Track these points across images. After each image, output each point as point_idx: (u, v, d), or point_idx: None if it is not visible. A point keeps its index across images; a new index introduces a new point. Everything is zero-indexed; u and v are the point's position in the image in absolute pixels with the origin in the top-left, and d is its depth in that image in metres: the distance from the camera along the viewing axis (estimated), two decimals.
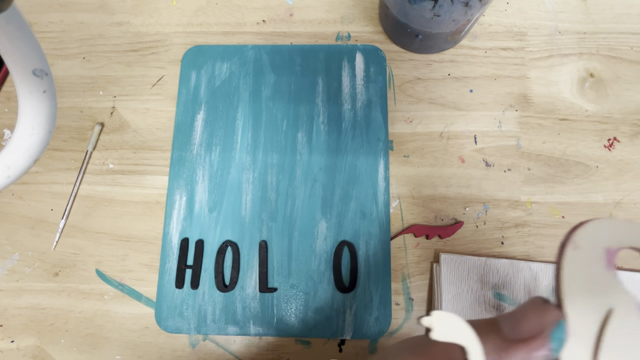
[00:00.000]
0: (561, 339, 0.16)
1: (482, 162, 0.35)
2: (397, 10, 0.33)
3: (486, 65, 0.37)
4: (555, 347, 0.15)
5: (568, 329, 0.16)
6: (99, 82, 0.38)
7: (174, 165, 0.36)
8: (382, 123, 0.36)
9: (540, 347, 0.16)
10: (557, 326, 0.16)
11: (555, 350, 0.16)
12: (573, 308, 0.16)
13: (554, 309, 0.16)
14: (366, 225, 0.34)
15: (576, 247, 0.16)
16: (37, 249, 0.35)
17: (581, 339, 0.16)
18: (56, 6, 0.40)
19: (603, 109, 0.36)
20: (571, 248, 0.16)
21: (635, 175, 0.35)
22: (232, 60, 0.38)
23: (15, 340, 0.33)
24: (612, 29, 0.38)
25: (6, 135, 0.37)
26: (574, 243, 0.16)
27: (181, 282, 0.33)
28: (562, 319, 0.16)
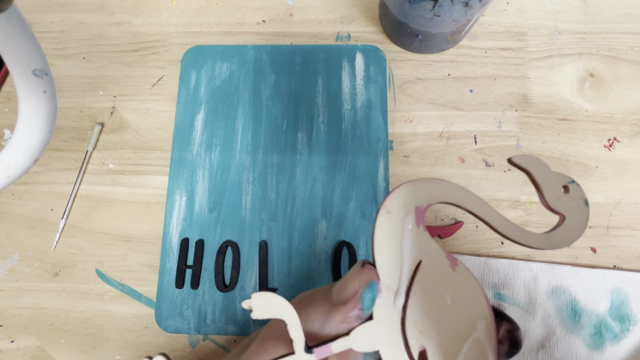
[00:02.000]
0: (372, 298, 0.17)
1: (482, 162, 0.35)
2: (397, 10, 0.33)
3: (486, 65, 0.37)
4: (367, 305, 0.17)
5: (380, 287, 0.17)
6: (99, 82, 0.38)
7: (174, 165, 0.36)
8: (382, 123, 0.36)
9: (353, 308, 0.17)
10: (368, 286, 0.17)
11: (366, 308, 0.17)
12: (385, 266, 0.17)
13: (369, 270, 0.17)
14: (366, 225, 0.34)
15: (388, 211, 0.18)
16: (37, 249, 0.35)
17: (392, 294, 0.17)
18: (56, 6, 0.40)
19: (603, 109, 0.36)
20: (383, 213, 0.17)
21: (635, 175, 0.35)
22: (232, 60, 0.38)
23: (15, 340, 0.33)
24: (612, 29, 0.38)
25: (6, 135, 0.37)
26: (386, 208, 0.18)
27: (181, 282, 0.33)
28: (374, 280, 0.17)
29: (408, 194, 0.18)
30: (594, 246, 0.33)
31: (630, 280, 0.32)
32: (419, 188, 0.18)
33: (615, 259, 0.33)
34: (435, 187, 0.18)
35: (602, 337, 0.31)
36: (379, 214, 0.17)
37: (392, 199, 0.18)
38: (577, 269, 0.32)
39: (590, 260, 0.33)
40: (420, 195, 0.18)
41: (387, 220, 0.18)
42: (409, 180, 0.18)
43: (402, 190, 0.18)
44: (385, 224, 0.17)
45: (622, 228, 0.34)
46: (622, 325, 0.31)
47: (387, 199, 0.18)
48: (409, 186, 0.18)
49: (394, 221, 0.18)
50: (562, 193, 0.18)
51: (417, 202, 0.18)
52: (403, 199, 0.18)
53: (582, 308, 0.31)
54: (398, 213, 0.18)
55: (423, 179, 0.19)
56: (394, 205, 0.18)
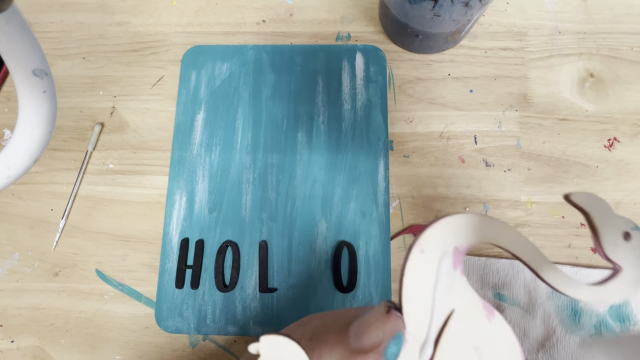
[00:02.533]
0: (397, 352, 0.15)
1: (482, 162, 0.35)
2: (397, 10, 0.33)
3: (486, 65, 0.37)
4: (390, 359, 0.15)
5: (405, 339, 0.15)
6: (99, 82, 0.38)
7: (174, 165, 0.36)
8: (382, 123, 0.36)
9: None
10: (394, 338, 0.15)
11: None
12: (413, 313, 0.15)
13: (395, 318, 0.15)
14: (366, 225, 0.34)
15: (422, 250, 0.15)
16: (37, 249, 0.35)
17: (419, 345, 0.15)
18: (56, 6, 0.40)
19: (603, 109, 0.36)
20: (416, 252, 0.15)
21: (635, 175, 0.35)
22: (232, 60, 0.38)
23: (15, 340, 0.33)
24: (612, 29, 0.38)
25: (6, 135, 0.37)
26: (420, 246, 0.15)
27: (181, 282, 0.33)
28: (400, 330, 0.15)
29: (447, 231, 0.16)
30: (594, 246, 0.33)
31: None
32: (460, 225, 0.16)
33: None
34: (479, 225, 0.16)
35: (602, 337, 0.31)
36: (412, 253, 0.15)
37: (428, 237, 0.15)
38: (578, 269, 0.32)
39: (591, 260, 0.33)
40: (460, 234, 0.16)
41: (420, 261, 0.15)
42: (449, 215, 0.16)
43: (440, 227, 0.16)
44: (417, 265, 0.15)
45: None
46: (622, 325, 0.31)
47: (422, 236, 0.15)
48: (448, 222, 0.16)
49: (427, 262, 0.15)
50: (622, 240, 0.16)
51: (456, 241, 0.16)
52: (441, 237, 0.16)
53: (582, 308, 0.31)
54: (433, 253, 0.15)
55: (466, 215, 0.16)
56: (429, 243, 0.15)
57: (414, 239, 0.16)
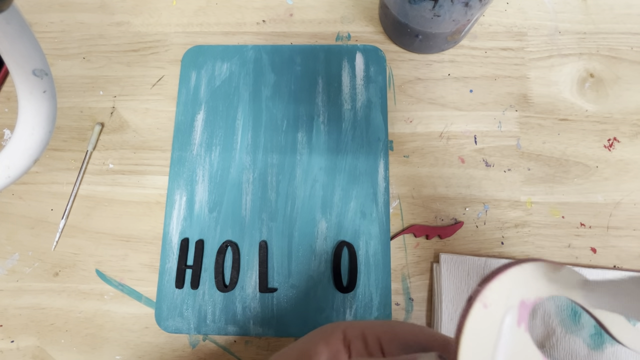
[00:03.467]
0: None
1: (482, 162, 0.35)
2: (397, 10, 0.33)
3: (486, 65, 0.37)
4: None
5: None
6: (99, 82, 0.38)
7: (174, 165, 0.36)
8: (382, 123, 0.36)
9: None
10: None
11: None
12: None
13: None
14: (366, 225, 0.34)
15: (485, 305, 0.14)
16: (37, 249, 0.35)
17: None
18: (56, 6, 0.40)
19: (603, 109, 0.36)
20: (479, 307, 0.13)
21: (635, 175, 0.35)
22: (232, 60, 0.38)
23: (15, 340, 0.33)
24: (612, 29, 0.38)
25: (6, 135, 0.37)
26: (483, 300, 0.14)
27: (181, 282, 0.33)
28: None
29: (515, 282, 0.14)
30: (594, 246, 0.33)
31: None
32: (530, 274, 0.14)
33: (615, 259, 0.33)
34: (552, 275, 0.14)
35: (602, 337, 0.31)
36: (473, 308, 0.13)
37: (494, 289, 0.14)
38: (577, 269, 0.32)
39: (590, 260, 0.33)
40: (529, 285, 0.14)
41: (482, 316, 0.13)
42: (517, 263, 0.14)
43: (507, 278, 0.14)
44: (478, 321, 0.13)
45: (622, 228, 0.34)
46: None
47: (487, 287, 0.14)
48: (518, 272, 0.14)
49: (490, 318, 0.14)
50: None
51: (524, 294, 0.14)
52: (507, 289, 0.14)
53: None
54: (497, 308, 0.14)
55: (537, 263, 0.14)
56: (494, 297, 0.14)
57: (476, 291, 0.14)
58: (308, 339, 0.20)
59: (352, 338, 0.19)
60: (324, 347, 0.18)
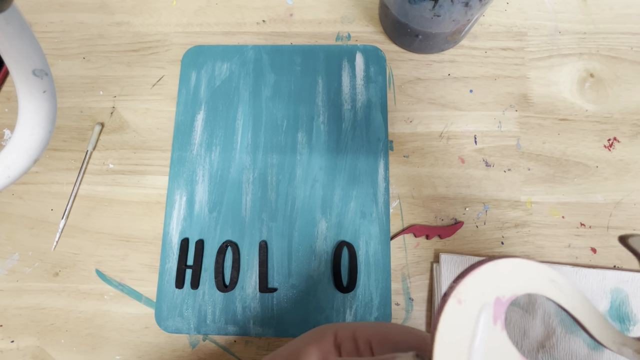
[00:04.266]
0: None
1: (482, 162, 0.35)
2: (397, 10, 0.33)
3: (486, 65, 0.37)
4: None
5: None
6: (99, 82, 0.38)
7: (174, 165, 0.36)
8: (382, 123, 0.36)
9: None
10: None
11: None
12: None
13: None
14: (366, 225, 0.34)
15: (459, 301, 0.13)
16: (37, 249, 0.35)
17: None
18: (56, 6, 0.40)
19: (603, 109, 0.36)
20: (453, 303, 0.13)
21: (635, 175, 0.35)
22: (232, 60, 0.38)
23: (15, 340, 0.33)
24: (612, 29, 0.38)
25: (6, 135, 0.37)
26: (457, 296, 0.13)
27: (181, 282, 0.33)
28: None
29: (489, 278, 0.14)
30: (594, 246, 0.33)
31: (630, 280, 0.32)
32: (505, 271, 0.14)
33: (615, 259, 0.33)
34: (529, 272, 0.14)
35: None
36: (447, 304, 0.13)
37: (468, 285, 0.14)
38: (577, 269, 0.32)
39: (590, 260, 0.33)
40: (504, 282, 0.14)
41: (457, 313, 0.13)
42: (492, 259, 0.14)
43: (482, 274, 0.14)
44: (453, 318, 0.13)
45: (622, 228, 0.34)
46: (622, 325, 0.31)
47: (460, 284, 0.14)
48: (492, 268, 0.14)
49: (465, 315, 0.13)
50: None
51: (498, 291, 0.14)
52: (481, 285, 0.14)
53: None
54: (472, 304, 0.14)
55: (513, 260, 0.14)
56: (468, 293, 0.14)
57: (450, 287, 0.14)
58: (300, 340, 0.20)
59: (342, 339, 0.19)
60: (314, 348, 0.18)
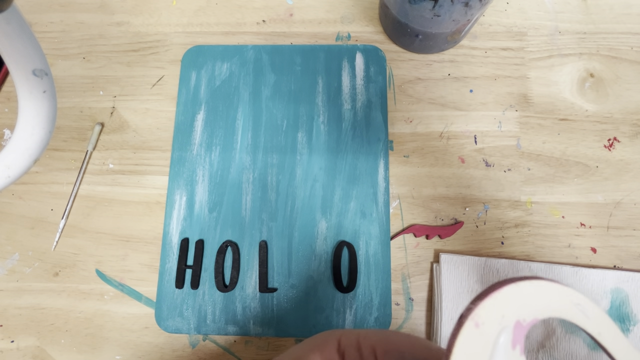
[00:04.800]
0: None
1: (482, 162, 0.35)
2: (397, 10, 0.33)
3: (486, 65, 0.37)
4: None
5: None
6: (99, 82, 0.38)
7: (174, 165, 0.36)
8: (382, 123, 0.36)
9: None
10: None
11: None
12: None
13: None
14: (366, 225, 0.34)
15: (477, 324, 0.13)
16: (37, 249, 0.35)
17: None
18: (56, 6, 0.40)
19: (603, 109, 0.36)
20: (470, 326, 0.13)
21: (635, 175, 0.35)
22: (232, 60, 0.38)
23: (15, 340, 0.33)
24: (612, 29, 0.38)
25: (6, 135, 0.37)
26: (474, 319, 0.13)
27: (181, 282, 0.33)
28: None
29: (509, 301, 0.13)
30: (594, 246, 0.33)
31: (630, 280, 0.32)
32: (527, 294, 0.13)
33: (615, 259, 0.33)
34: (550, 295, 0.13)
35: None
36: (464, 327, 0.13)
37: (486, 308, 0.13)
38: (577, 269, 0.32)
39: (591, 260, 0.33)
40: (526, 305, 0.13)
41: (474, 337, 0.13)
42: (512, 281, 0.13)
43: (502, 296, 0.13)
44: (469, 341, 0.13)
45: (622, 228, 0.34)
46: (622, 325, 0.31)
47: (479, 306, 0.13)
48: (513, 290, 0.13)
49: (482, 338, 0.13)
50: None
51: (519, 314, 0.13)
52: (501, 308, 0.13)
53: None
54: (491, 328, 0.13)
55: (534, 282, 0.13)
56: (487, 316, 0.13)
57: (468, 309, 0.13)
58: (302, 346, 0.20)
59: (346, 347, 0.19)
60: (317, 355, 0.18)
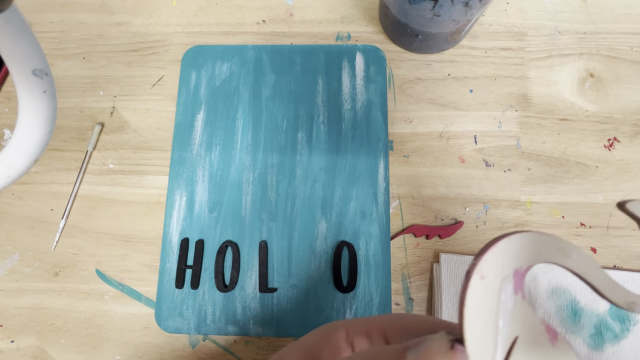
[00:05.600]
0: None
1: (482, 162, 0.35)
2: (397, 10, 0.33)
3: (486, 65, 0.37)
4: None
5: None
6: (99, 82, 0.38)
7: (174, 165, 0.36)
8: (382, 123, 0.36)
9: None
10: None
11: None
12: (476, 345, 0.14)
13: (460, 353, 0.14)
14: (366, 225, 0.34)
15: (482, 276, 0.14)
16: (37, 249, 0.35)
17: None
18: (56, 6, 0.40)
19: (603, 109, 0.36)
20: (476, 279, 0.14)
21: (635, 175, 0.35)
22: (232, 60, 0.38)
23: (15, 340, 0.33)
24: (612, 29, 0.38)
25: (6, 135, 0.37)
26: (479, 272, 0.14)
27: (181, 282, 0.33)
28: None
29: (506, 253, 0.15)
30: (594, 246, 0.33)
31: (630, 280, 0.32)
32: (520, 245, 0.15)
33: (615, 259, 0.33)
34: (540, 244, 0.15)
35: (602, 337, 0.31)
36: (472, 280, 0.14)
37: (488, 261, 0.14)
38: None
39: None
40: (520, 255, 0.15)
41: (481, 288, 0.14)
42: (507, 235, 0.15)
43: (499, 249, 0.15)
44: (478, 293, 0.14)
45: (622, 228, 0.34)
46: (622, 325, 0.31)
47: (481, 260, 0.14)
48: (508, 243, 0.15)
49: (488, 288, 0.14)
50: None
51: (516, 263, 0.15)
52: (500, 260, 0.15)
53: (582, 308, 0.31)
54: (494, 278, 0.14)
55: (525, 234, 0.15)
56: (489, 268, 0.14)
57: (472, 264, 0.14)
58: (309, 339, 0.20)
59: (354, 335, 0.19)
60: (326, 347, 0.18)
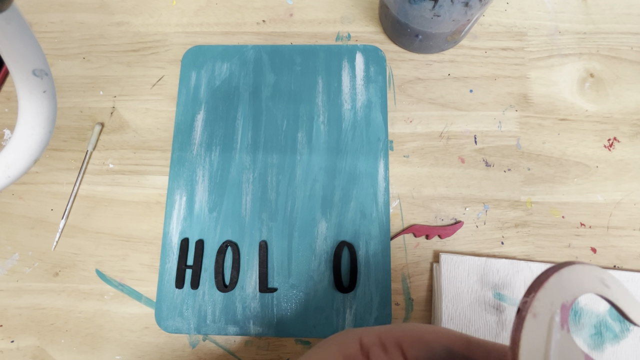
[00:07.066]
0: None
1: (482, 162, 0.35)
2: (397, 10, 0.33)
3: (486, 65, 0.37)
4: None
5: None
6: (99, 82, 0.38)
7: (174, 165, 0.36)
8: (382, 123, 0.36)
9: None
10: None
11: None
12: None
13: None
14: (366, 225, 0.34)
15: (535, 314, 0.14)
16: (37, 249, 0.35)
17: None
18: (56, 6, 0.40)
19: (603, 109, 0.36)
20: (530, 318, 0.14)
21: (635, 175, 0.35)
22: (232, 60, 0.38)
23: (15, 340, 0.33)
24: (612, 29, 0.38)
25: (6, 135, 0.37)
26: (532, 311, 0.14)
27: (181, 282, 0.33)
28: None
29: (555, 288, 0.15)
30: (594, 246, 0.33)
31: (630, 280, 0.32)
32: (567, 278, 0.15)
33: (615, 259, 0.33)
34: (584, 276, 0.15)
35: (602, 337, 0.31)
36: (526, 320, 0.14)
37: (541, 299, 0.14)
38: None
39: (591, 260, 0.33)
40: (567, 288, 0.15)
41: (533, 326, 0.14)
42: (555, 270, 0.15)
43: (550, 285, 0.15)
44: (531, 331, 0.14)
45: (622, 228, 0.34)
46: (622, 325, 0.31)
47: (535, 299, 0.14)
48: (557, 278, 0.15)
49: (540, 325, 0.14)
50: None
51: (563, 297, 0.15)
52: (550, 296, 0.15)
53: (582, 308, 0.31)
54: (544, 315, 0.14)
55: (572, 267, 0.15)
56: (541, 306, 0.14)
57: (523, 302, 0.15)
58: (323, 350, 0.19)
59: (369, 345, 0.18)
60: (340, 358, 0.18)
